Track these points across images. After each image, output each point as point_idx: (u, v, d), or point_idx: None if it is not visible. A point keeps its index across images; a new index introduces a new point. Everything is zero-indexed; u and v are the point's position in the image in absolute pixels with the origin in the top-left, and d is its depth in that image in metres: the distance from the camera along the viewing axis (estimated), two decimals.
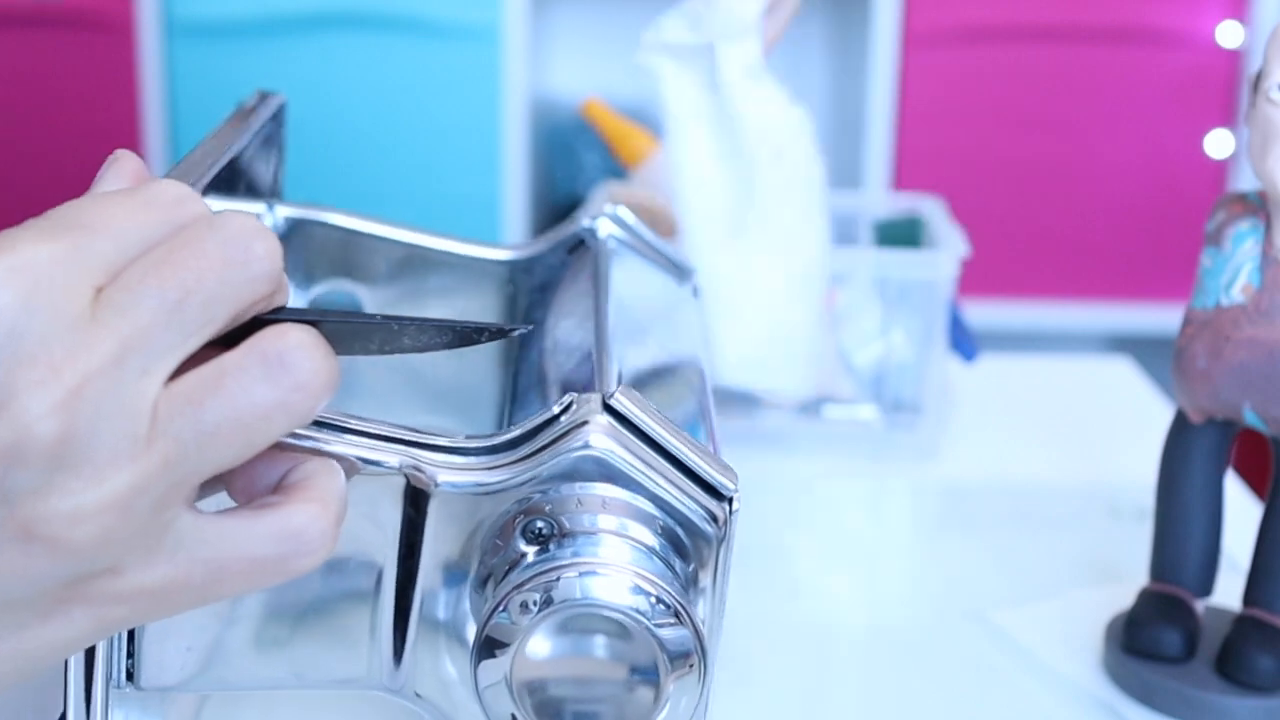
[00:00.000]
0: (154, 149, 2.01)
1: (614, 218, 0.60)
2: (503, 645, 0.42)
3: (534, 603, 0.42)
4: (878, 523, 0.84)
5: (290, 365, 0.35)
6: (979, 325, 1.05)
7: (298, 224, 0.61)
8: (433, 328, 0.40)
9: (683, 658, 0.42)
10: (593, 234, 0.59)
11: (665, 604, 0.42)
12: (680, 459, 0.43)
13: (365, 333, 0.40)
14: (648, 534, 0.43)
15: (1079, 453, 0.88)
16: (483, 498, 0.43)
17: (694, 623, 0.42)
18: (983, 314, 2.07)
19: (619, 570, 0.42)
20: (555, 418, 0.43)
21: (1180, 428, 0.62)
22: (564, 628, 0.42)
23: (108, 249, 0.35)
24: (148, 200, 0.36)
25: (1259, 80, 0.57)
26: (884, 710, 0.63)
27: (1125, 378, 1.01)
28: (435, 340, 0.40)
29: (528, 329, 0.44)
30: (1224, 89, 2.10)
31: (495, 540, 0.43)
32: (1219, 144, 2.11)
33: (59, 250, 0.34)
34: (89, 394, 0.33)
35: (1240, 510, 0.73)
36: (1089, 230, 2.15)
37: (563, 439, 0.42)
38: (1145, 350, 1.87)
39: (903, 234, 0.98)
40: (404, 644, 0.45)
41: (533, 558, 0.43)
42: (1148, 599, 0.62)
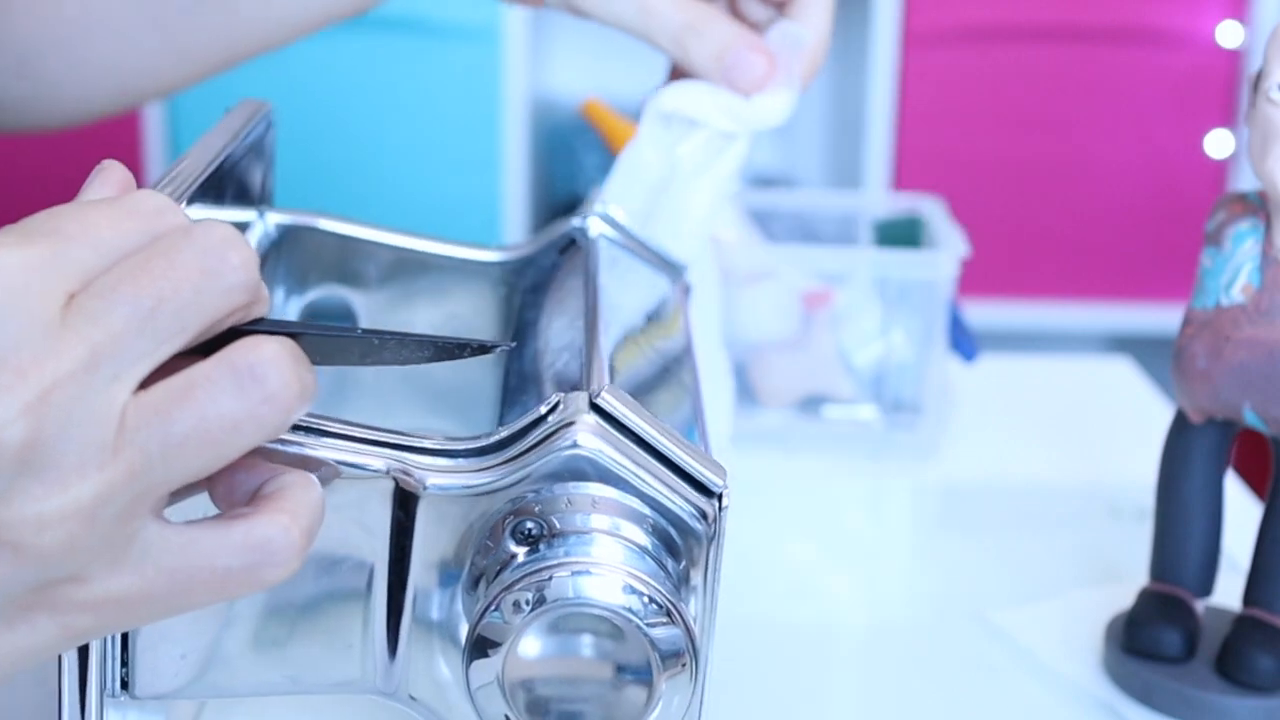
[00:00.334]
0: (153, 151, 2.00)
1: (604, 217, 0.60)
2: (495, 645, 0.42)
3: (526, 602, 0.42)
4: (878, 523, 0.84)
5: (260, 378, 0.35)
6: (979, 325, 1.05)
7: (289, 230, 0.61)
8: (413, 342, 0.40)
9: (675, 657, 0.42)
10: (583, 233, 0.59)
11: (657, 603, 0.42)
12: (669, 457, 0.43)
13: (345, 345, 0.40)
14: (639, 533, 0.43)
15: (1079, 453, 0.88)
16: (472, 499, 0.43)
17: (686, 622, 0.42)
18: (983, 314, 2.07)
19: (611, 569, 0.42)
20: (543, 418, 0.43)
21: (1180, 428, 0.62)
22: (556, 627, 0.42)
23: (83, 256, 0.35)
24: (127, 210, 0.36)
25: (1259, 80, 0.57)
26: (884, 710, 0.63)
27: (1125, 378, 1.01)
28: (416, 355, 0.40)
29: (510, 346, 0.44)
30: (1224, 89, 2.10)
31: (486, 541, 0.43)
32: (1219, 144, 2.11)
33: (33, 256, 0.34)
34: (57, 399, 0.33)
35: (1240, 510, 0.73)
36: (1089, 230, 2.15)
37: (550, 439, 0.42)
38: (1145, 350, 1.87)
39: (903, 234, 0.98)
40: (397, 646, 0.45)
41: (523, 558, 0.43)
42: (1148, 599, 0.62)
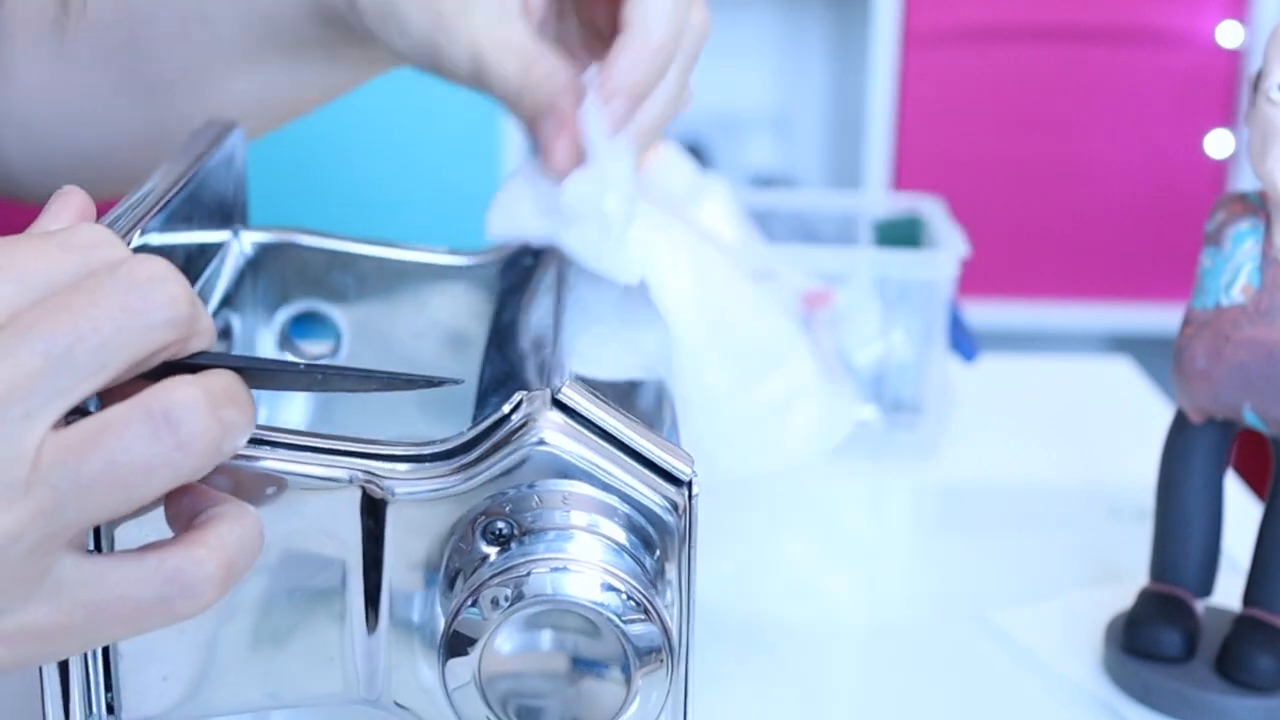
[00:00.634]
0: None
1: None
2: (471, 641, 0.42)
3: (506, 598, 0.42)
4: (878, 523, 0.84)
5: (175, 423, 0.35)
6: (979, 325, 1.05)
7: (267, 248, 0.61)
8: (358, 376, 0.41)
9: (651, 653, 0.42)
10: None
11: (632, 599, 0.42)
12: (634, 448, 0.43)
13: (291, 378, 0.40)
14: (612, 527, 0.43)
15: (1079, 453, 0.88)
16: (441, 503, 0.43)
17: (662, 618, 0.42)
18: (983, 314, 2.07)
19: (587, 566, 0.42)
20: (506, 417, 0.43)
21: (1180, 428, 0.62)
22: (531, 624, 0.42)
23: (7, 291, 0.35)
24: (61, 243, 0.36)
25: (1259, 80, 0.57)
26: (884, 710, 0.63)
27: (1125, 378, 1.01)
28: (364, 385, 0.41)
29: (458, 382, 0.44)
30: (1224, 89, 2.10)
31: (459, 544, 0.43)
32: (1219, 144, 2.11)
33: None
34: None
35: (1240, 510, 0.73)
36: (1089, 230, 2.15)
37: (514, 438, 0.42)
38: (1145, 350, 1.87)
39: (903, 234, 0.98)
40: (377, 655, 0.45)
41: (495, 558, 0.43)
42: (1148, 599, 0.62)
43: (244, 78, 0.63)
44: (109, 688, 0.43)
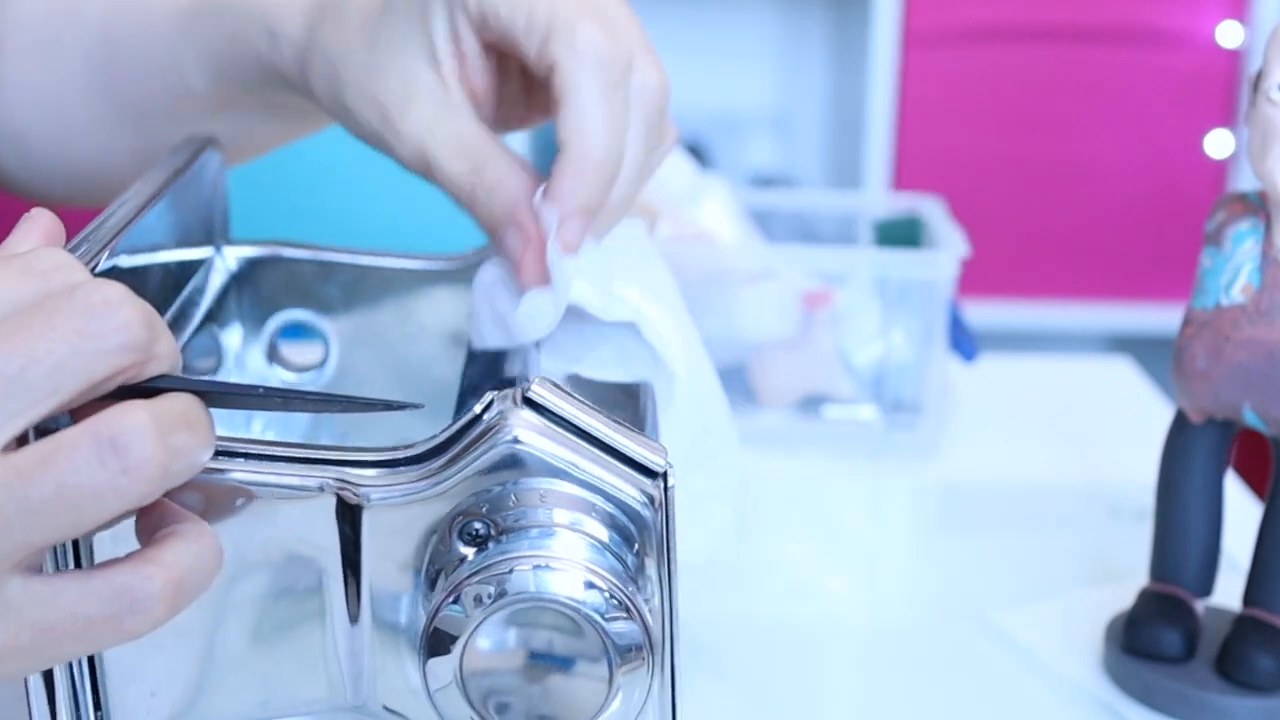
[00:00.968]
0: None
1: None
2: (452, 638, 0.42)
3: (488, 595, 0.42)
4: (878, 523, 0.84)
5: (121, 448, 0.35)
6: (979, 325, 1.05)
7: (251, 262, 0.61)
8: (318, 399, 0.41)
9: (632, 651, 0.43)
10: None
11: (613, 597, 0.42)
12: (607, 443, 0.43)
13: (251, 400, 0.40)
14: (589, 524, 0.43)
15: (1079, 453, 0.88)
16: (417, 506, 0.43)
17: (642, 616, 0.42)
18: (983, 314, 2.07)
19: (568, 564, 0.42)
20: (478, 417, 0.43)
21: (1180, 428, 0.62)
22: (512, 622, 0.42)
23: None
24: (23, 268, 0.37)
25: (1259, 80, 0.57)
26: (884, 710, 0.63)
27: (1125, 378, 1.01)
28: (322, 408, 0.42)
29: (418, 407, 0.44)
30: (1224, 89, 2.10)
31: (439, 545, 0.43)
32: (1219, 144, 2.11)
33: None
34: None
35: (1240, 510, 0.73)
36: (1089, 230, 2.15)
37: (486, 437, 0.42)
38: (1145, 350, 1.87)
39: (903, 234, 0.98)
40: (361, 659, 0.45)
41: (473, 558, 0.43)
42: (1148, 599, 0.62)
43: (217, 121, 0.64)
44: (98, 706, 0.44)
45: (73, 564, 0.41)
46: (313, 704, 0.46)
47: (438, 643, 0.43)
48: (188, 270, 0.57)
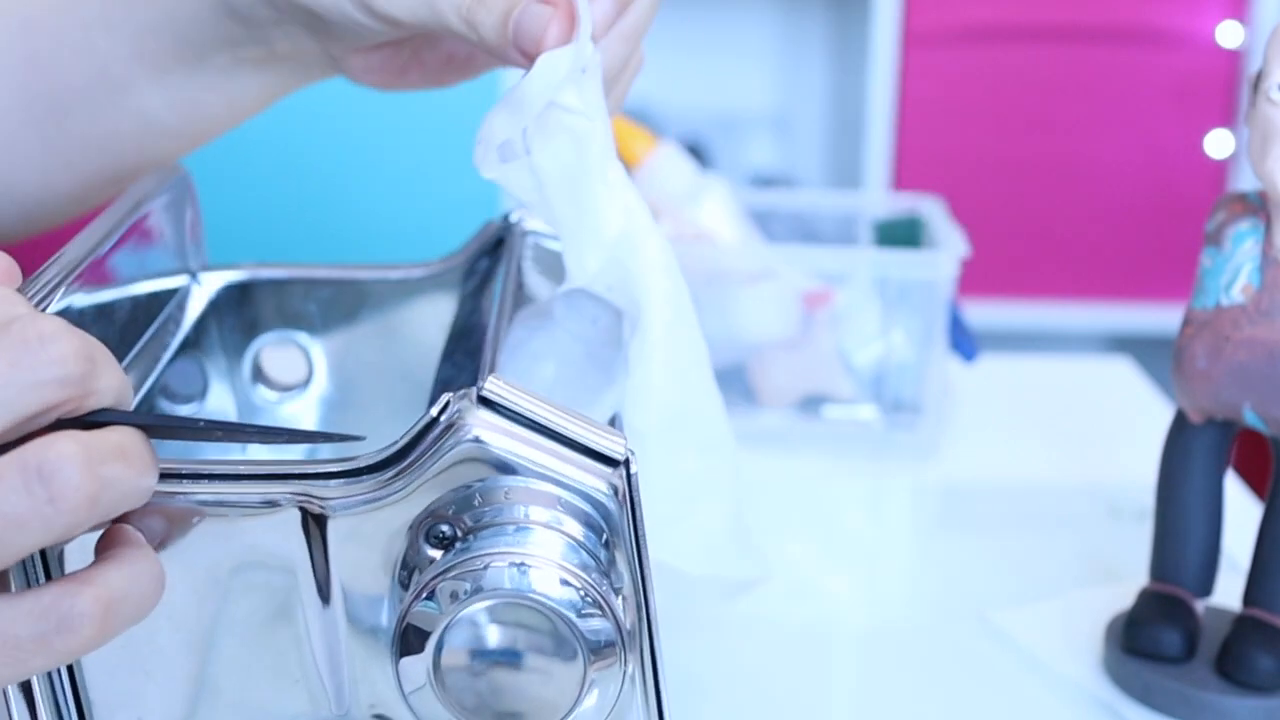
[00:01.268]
0: None
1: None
2: (424, 635, 0.42)
3: (464, 591, 0.42)
4: (878, 523, 0.84)
5: (48, 477, 0.35)
6: (979, 325, 1.05)
7: (228, 288, 0.61)
8: (256, 431, 0.42)
9: (605, 647, 0.42)
10: (509, 229, 0.59)
11: (584, 592, 0.42)
12: (565, 435, 0.43)
13: (194, 433, 0.41)
14: (555, 518, 0.43)
15: (1079, 453, 0.88)
16: (381, 512, 0.43)
17: (614, 611, 0.42)
18: (983, 314, 2.07)
19: (539, 561, 0.42)
20: (435, 420, 0.43)
21: (1180, 428, 0.62)
22: (483, 619, 0.42)
23: None
24: None
25: (1259, 80, 0.57)
26: (884, 710, 0.63)
27: (1125, 378, 1.01)
28: (266, 439, 0.42)
29: (359, 439, 0.44)
30: (1224, 89, 2.10)
31: (408, 550, 0.43)
32: (1219, 144, 2.11)
33: None
34: None
35: (1240, 510, 0.73)
36: (1089, 230, 2.15)
37: (444, 439, 0.42)
38: (1145, 350, 1.87)
39: (903, 234, 0.98)
40: (340, 668, 0.45)
41: (440, 560, 0.43)
42: (1148, 599, 0.62)
43: (148, 89, 0.63)
44: None
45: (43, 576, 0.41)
46: (297, 718, 0.46)
47: (410, 641, 0.42)
48: (161, 300, 0.57)
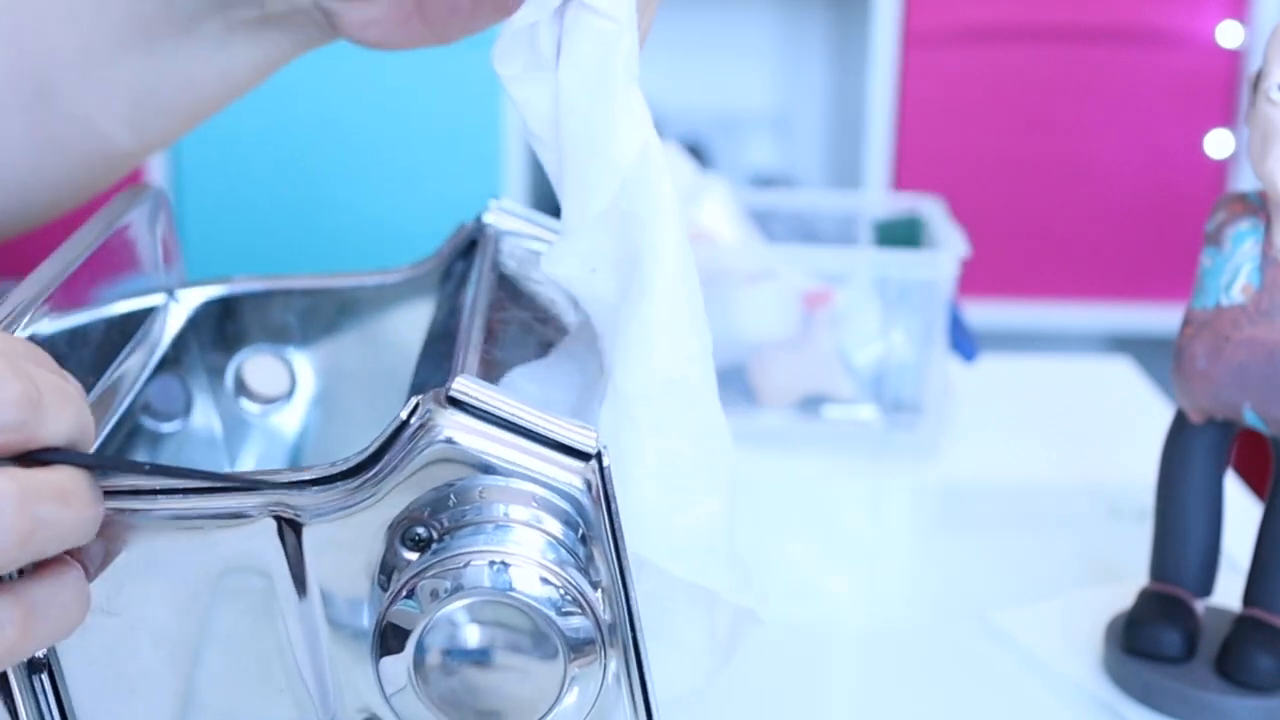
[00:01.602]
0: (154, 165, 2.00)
1: (500, 208, 0.60)
2: (405, 634, 0.42)
3: (445, 590, 0.42)
4: (878, 523, 0.84)
5: None
6: (979, 325, 1.05)
7: (207, 304, 0.61)
8: (198, 476, 0.42)
9: (584, 645, 0.42)
10: (481, 231, 0.59)
11: (564, 591, 0.42)
12: (535, 431, 0.43)
13: (137, 476, 0.42)
14: (531, 515, 0.43)
15: (1079, 453, 0.88)
16: (356, 517, 0.43)
17: (593, 608, 0.42)
18: (983, 314, 2.07)
19: (519, 560, 0.42)
20: (405, 423, 0.43)
21: (1180, 428, 0.62)
22: (462, 618, 0.42)
23: None
24: None
25: (1259, 80, 0.57)
26: (884, 710, 0.63)
27: (1125, 378, 1.01)
28: (218, 483, 0.43)
29: (307, 476, 0.44)
30: (1224, 89, 2.10)
31: (385, 554, 0.43)
32: (1219, 144, 2.11)
33: None
34: None
35: (1240, 510, 0.73)
36: (1089, 230, 2.15)
37: (415, 441, 0.42)
38: (1145, 350, 1.87)
39: (903, 234, 0.98)
40: (324, 674, 0.45)
41: (416, 561, 0.43)
42: (1148, 599, 0.62)
43: (138, 61, 0.62)
44: None
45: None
46: None
47: (390, 641, 0.42)
48: (137, 319, 0.57)
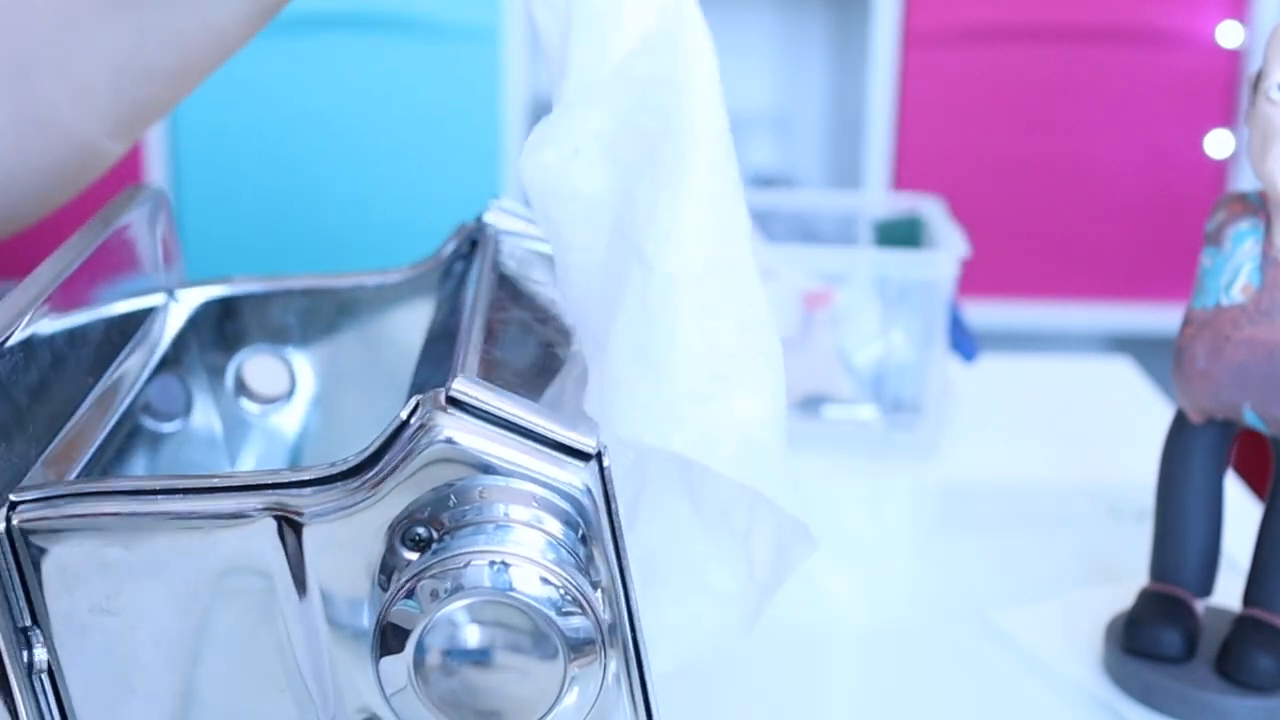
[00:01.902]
0: (153, 152, 2.01)
1: (501, 208, 0.60)
2: (405, 634, 0.42)
3: (445, 590, 0.42)
4: (878, 523, 0.84)
5: None
6: (979, 325, 1.05)
7: (208, 303, 0.61)
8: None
9: (584, 645, 0.42)
10: (481, 230, 0.59)
11: (564, 591, 0.42)
12: (535, 431, 0.43)
13: None
14: (532, 515, 0.43)
15: (1079, 453, 0.88)
16: (357, 518, 0.43)
17: (593, 609, 0.42)
18: (983, 314, 2.07)
19: (517, 559, 0.42)
20: (405, 423, 0.43)
21: (1180, 428, 0.62)
22: (462, 618, 0.42)
23: None
24: None
25: (1259, 80, 0.57)
26: (884, 710, 0.63)
27: (1125, 378, 1.01)
28: None
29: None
30: (1224, 89, 2.10)
31: (386, 554, 0.43)
32: (1219, 144, 2.11)
33: None
34: None
35: (1240, 510, 0.73)
36: (1089, 230, 2.15)
37: (415, 442, 0.42)
38: (1145, 350, 1.87)
39: (903, 234, 0.98)
40: (324, 675, 0.45)
41: (417, 562, 0.43)
42: (1148, 599, 0.62)
43: (117, 22, 0.61)
44: None
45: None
46: None
47: (390, 641, 0.42)
48: (137, 319, 0.57)
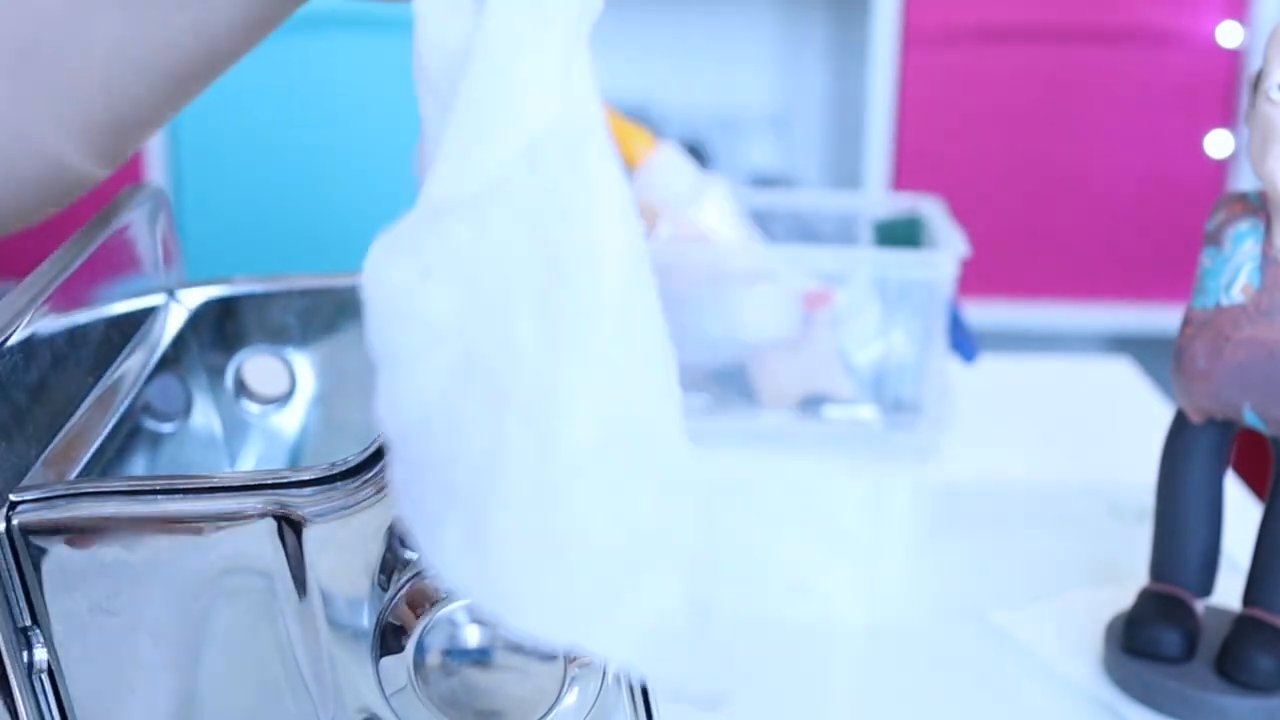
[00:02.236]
0: (153, 152, 2.00)
1: None
2: (405, 633, 0.42)
3: (445, 590, 0.42)
4: (878, 523, 0.84)
5: None
6: (979, 325, 1.05)
7: (209, 303, 0.61)
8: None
9: None
10: None
11: None
12: None
13: None
14: None
15: (1079, 453, 0.88)
16: (357, 517, 0.43)
17: None
18: (983, 314, 2.07)
19: None
20: None
21: (1180, 428, 0.62)
22: (461, 618, 0.42)
23: None
24: None
25: (1259, 80, 0.57)
26: (884, 710, 0.63)
27: (1125, 378, 1.01)
28: None
29: None
30: (1224, 89, 2.10)
31: (385, 554, 0.43)
32: (1219, 144, 2.11)
33: None
34: None
35: (1240, 510, 0.73)
36: (1089, 230, 2.15)
37: None
38: (1145, 350, 1.87)
39: (903, 234, 0.98)
40: (324, 675, 0.45)
41: (417, 562, 0.43)
42: (1148, 599, 0.62)
43: (113, 15, 0.61)
44: None
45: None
46: None
47: (390, 640, 0.42)
48: (137, 319, 0.57)
